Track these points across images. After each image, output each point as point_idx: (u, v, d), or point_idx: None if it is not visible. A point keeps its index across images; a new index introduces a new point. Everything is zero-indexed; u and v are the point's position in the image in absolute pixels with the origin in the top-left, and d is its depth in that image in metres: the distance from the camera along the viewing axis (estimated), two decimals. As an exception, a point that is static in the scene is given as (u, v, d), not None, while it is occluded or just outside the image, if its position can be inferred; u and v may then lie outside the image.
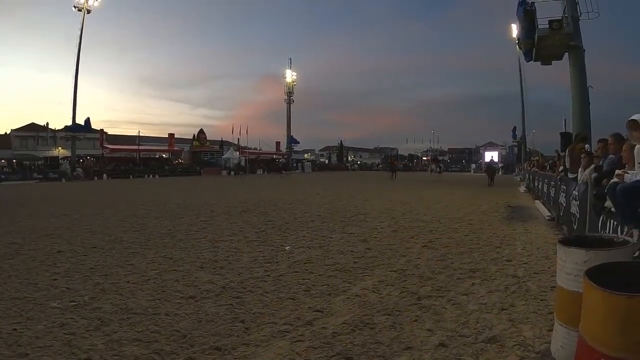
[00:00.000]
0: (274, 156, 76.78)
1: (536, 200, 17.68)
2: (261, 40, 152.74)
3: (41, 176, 46.76)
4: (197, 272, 6.75)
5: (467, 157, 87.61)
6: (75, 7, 50.22)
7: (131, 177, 50.94)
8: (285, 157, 76.90)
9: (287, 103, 79.32)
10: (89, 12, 50.58)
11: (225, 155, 67.50)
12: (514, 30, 41.50)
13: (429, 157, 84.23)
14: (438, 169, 43.55)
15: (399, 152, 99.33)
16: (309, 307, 5.00)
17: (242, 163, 60.49)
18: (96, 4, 51.07)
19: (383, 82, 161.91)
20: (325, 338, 4.10)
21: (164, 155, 65.61)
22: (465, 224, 11.26)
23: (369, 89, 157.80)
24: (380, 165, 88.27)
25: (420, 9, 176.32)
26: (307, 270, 6.71)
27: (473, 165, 57.91)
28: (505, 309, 4.85)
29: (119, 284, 6.13)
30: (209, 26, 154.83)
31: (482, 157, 78.51)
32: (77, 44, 50.35)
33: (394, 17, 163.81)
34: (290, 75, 78.77)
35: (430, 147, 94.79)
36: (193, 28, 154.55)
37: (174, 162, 64.48)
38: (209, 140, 68.65)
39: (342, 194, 22.60)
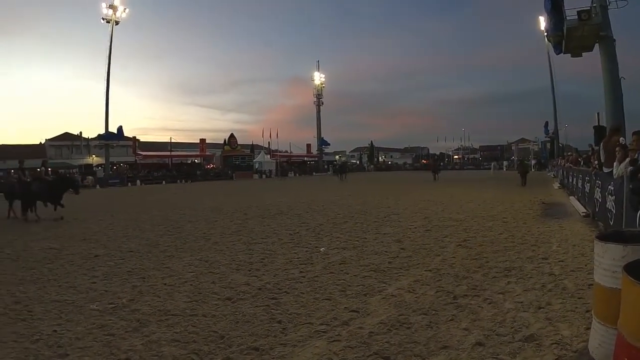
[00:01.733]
0: (305, 158, 77.09)
1: (571, 197, 17.20)
2: (288, 44, 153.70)
3: None
4: (233, 274, 6.85)
5: (499, 154, 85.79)
6: (103, 19, 52.54)
7: (164, 182, 52.06)
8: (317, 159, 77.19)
9: (317, 105, 79.61)
10: (117, 23, 52.75)
11: (257, 159, 68.14)
12: (542, 23, 40.75)
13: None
14: (500, 167, 43.56)
15: (430, 151, 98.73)
16: (345, 307, 5.03)
17: (339, 163, 60.99)
18: (124, 15, 53.19)
19: (410, 82, 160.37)
20: (362, 338, 4.12)
21: (195, 161, 66.67)
22: (499, 222, 11.08)
23: (397, 88, 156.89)
24: (409, 165, 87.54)
25: (446, 6, 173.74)
26: (342, 271, 6.73)
27: (494, 163, 56.35)
28: (542, 308, 4.76)
29: (157, 287, 6.28)
30: (235, 32, 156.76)
31: (513, 153, 76.96)
32: (107, 55, 52.54)
33: (419, 16, 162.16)
34: (318, 78, 78.96)
35: (461, 145, 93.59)
36: (220, 34, 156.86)
37: (206, 167, 65.43)
38: (239, 144, 69.39)
39: (374, 194, 22.56)
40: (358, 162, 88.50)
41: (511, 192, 22.02)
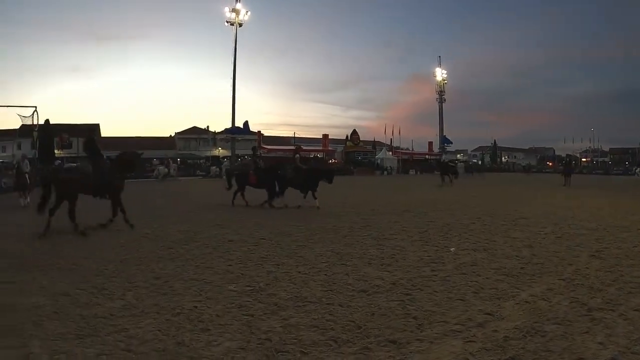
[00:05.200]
0: (426, 156, 75.69)
1: None
2: (408, 39, 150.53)
3: (204, 173, 52.75)
4: (365, 267, 6.96)
5: (631, 157, 77.73)
6: (227, 22, 56.82)
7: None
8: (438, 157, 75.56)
9: (439, 102, 77.74)
10: (240, 25, 56.73)
11: (379, 155, 68.21)
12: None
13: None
14: None
15: (555, 152, 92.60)
16: (479, 309, 5.02)
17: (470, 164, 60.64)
18: (246, 18, 57.01)
19: (536, 77, 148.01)
20: (497, 341, 4.11)
21: (318, 155, 68.21)
22: (634, 234, 10.05)
23: (521, 85, 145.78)
24: (533, 167, 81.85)
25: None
26: (473, 272, 6.65)
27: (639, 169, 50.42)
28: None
29: (291, 274, 6.56)
30: (354, 29, 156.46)
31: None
32: (233, 55, 56.87)
33: (544, 6, 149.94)
34: (440, 74, 77.10)
35: (590, 147, 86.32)
36: (339, 32, 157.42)
37: (329, 162, 66.69)
38: (361, 140, 69.89)
39: (498, 196, 21.77)
40: (480, 162, 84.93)
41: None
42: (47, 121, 45.19)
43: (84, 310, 4.97)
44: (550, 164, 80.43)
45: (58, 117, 56.45)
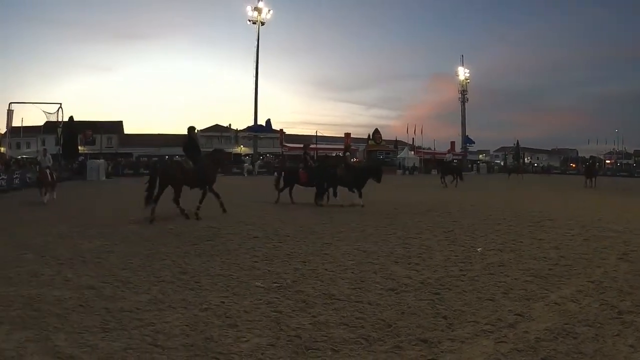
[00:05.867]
0: (446, 156, 75.09)
1: None
2: (429, 39, 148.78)
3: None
4: (392, 266, 6.90)
5: None
6: (249, 20, 57.94)
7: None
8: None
9: (462, 102, 77.03)
10: (262, 24, 57.62)
11: (401, 155, 67.96)
12: None
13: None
14: None
15: (579, 154, 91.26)
16: (509, 310, 4.96)
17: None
18: (268, 16, 57.97)
19: (559, 77, 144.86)
20: (528, 342, 4.06)
21: (339, 154, 68.16)
22: None
23: (545, 84, 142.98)
24: (555, 168, 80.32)
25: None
26: (502, 273, 6.56)
27: None
28: None
29: (318, 271, 6.52)
30: (375, 28, 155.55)
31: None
32: (255, 53, 58.16)
33: (569, 5, 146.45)
34: (462, 73, 76.36)
35: (614, 149, 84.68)
36: (360, 30, 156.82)
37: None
38: (383, 139, 69.71)
39: (523, 197, 21.43)
40: (503, 162, 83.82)
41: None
42: (71, 118, 45.97)
43: (110, 304, 4.99)
44: (574, 165, 79.03)
45: (82, 114, 57.18)
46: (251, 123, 59.44)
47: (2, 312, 4.70)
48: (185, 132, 13.19)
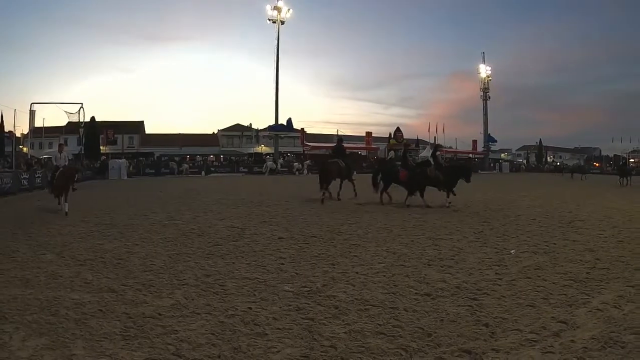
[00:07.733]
0: (470, 155, 74.18)
1: None
2: (448, 36, 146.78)
3: (246, 170, 53.42)
4: (425, 269, 6.61)
5: None
6: (269, 20, 57.61)
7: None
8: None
9: (483, 100, 75.73)
10: (282, 23, 57.49)
11: (422, 154, 67.41)
12: None
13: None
14: None
15: (602, 153, 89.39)
16: (552, 317, 4.69)
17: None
18: (288, 15, 57.66)
19: (583, 75, 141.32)
20: (576, 352, 3.82)
21: (360, 153, 67.88)
22: None
23: (567, 82, 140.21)
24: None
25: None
26: (539, 277, 6.25)
27: None
28: None
29: (348, 274, 6.25)
30: (393, 27, 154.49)
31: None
32: (275, 52, 57.99)
33: (591, 1, 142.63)
34: (484, 70, 75.16)
35: (637, 147, 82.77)
36: (379, 29, 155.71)
37: (372, 159, 66.28)
38: (404, 138, 69.25)
39: (551, 197, 20.81)
40: (525, 161, 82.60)
41: None
42: (92, 118, 46.51)
43: (131, 309, 4.81)
44: (597, 164, 77.45)
45: (103, 115, 58.00)
46: (271, 122, 59.53)
47: (18, 317, 4.54)
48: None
